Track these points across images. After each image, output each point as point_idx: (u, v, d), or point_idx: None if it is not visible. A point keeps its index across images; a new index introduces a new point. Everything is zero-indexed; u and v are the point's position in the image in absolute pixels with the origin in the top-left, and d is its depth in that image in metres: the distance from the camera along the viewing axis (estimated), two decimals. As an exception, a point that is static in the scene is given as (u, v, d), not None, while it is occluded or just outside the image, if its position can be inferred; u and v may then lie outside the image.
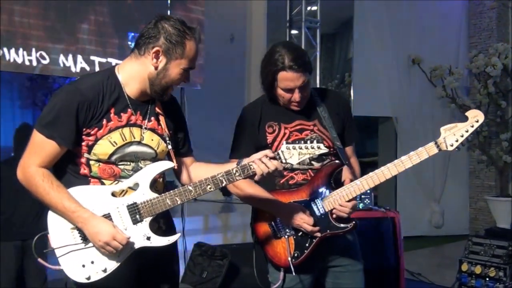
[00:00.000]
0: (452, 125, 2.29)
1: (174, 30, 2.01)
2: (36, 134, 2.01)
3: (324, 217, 2.36)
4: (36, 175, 1.98)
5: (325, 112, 2.49)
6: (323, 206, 2.37)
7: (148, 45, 2.03)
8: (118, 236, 1.94)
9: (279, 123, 2.45)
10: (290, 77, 2.33)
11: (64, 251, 1.99)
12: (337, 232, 2.37)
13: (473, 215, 8.67)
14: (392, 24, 8.10)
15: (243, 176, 2.03)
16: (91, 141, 2.02)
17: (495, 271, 4.80)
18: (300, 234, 2.37)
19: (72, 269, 1.99)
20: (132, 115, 2.08)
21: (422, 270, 5.72)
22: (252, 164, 2.03)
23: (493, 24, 8.44)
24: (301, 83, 2.34)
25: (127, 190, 2.06)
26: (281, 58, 2.32)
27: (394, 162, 2.31)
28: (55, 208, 1.98)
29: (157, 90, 2.07)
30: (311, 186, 2.41)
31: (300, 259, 2.36)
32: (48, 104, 2.05)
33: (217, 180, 2.04)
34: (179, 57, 2.02)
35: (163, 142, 2.15)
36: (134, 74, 2.08)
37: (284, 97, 2.39)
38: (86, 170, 2.05)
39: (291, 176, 2.45)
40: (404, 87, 8.20)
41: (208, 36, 6.67)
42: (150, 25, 2.05)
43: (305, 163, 2.42)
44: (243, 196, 2.47)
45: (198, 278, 4.51)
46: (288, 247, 2.35)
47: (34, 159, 1.99)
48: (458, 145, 2.28)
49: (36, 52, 4.41)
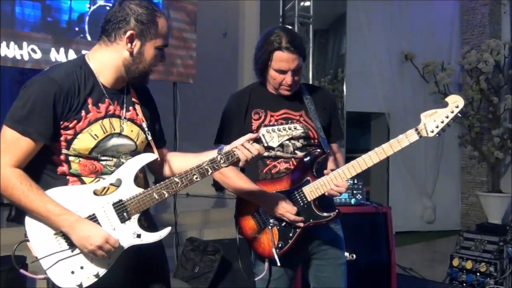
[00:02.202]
0: (432, 111, 2.28)
1: (142, 10, 1.89)
2: (7, 130, 1.81)
3: (307, 207, 2.36)
4: (12, 176, 1.79)
5: (311, 105, 2.50)
6: (305, 195, 2.36)
7: (118, 30, 1.90)
8: (111, 239, 1.82)
9: (265, 110, 2.45)
10: (285, 58, 2.34)
11: (50, 259, 1.82)
12: (321, 221, 2.36)
13: (465, 210, 8.72)
14: (385, 20, 8.12)
15: (227, 163, 1.97)
16: (70, 135, 1.86)
17: (486, 266, 4.84)
18: (284, 224, 2.36)
19: (61, 278, 1.83)
20: (110, 105, 1.95)
21: (414, 265, 5.75)
22: (236, 150, 1.98)
23: (486, 21, 8.47)
24: (295, 66, 2.36)
25: (109, 187, 1.91)
26: (278, 38, 2.34)
27: (375, 149, 2.31)
28: (36, 212, 1.80)
29: (135, 76, 1.96)
30: (293, 176, 2.40)
31: (284, 249, 2.35)
32: (19, 97, 1.84)
33: (202, 170, 1.95)
34: (153, 37, 1.91)
35: (142, 133, 2.04)
36: (107, 63, 1.94)
37: (276, 79, 2.39)
38: (65, 167, 1.89)
39: (274, 165, 2.45)
40: (396, 83, 8.23)
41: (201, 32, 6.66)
42: (116, 8, 1.91)
43: (288, 151, 2.43)
44: (230, 187, 2.46)
45: (190, 273, 4.51)
46: (272, 237, 2.35)
47: (7, 159, 1.80)
48: (439, 131, 2.27)
49: (28, 46, 4.38)
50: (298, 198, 2.36)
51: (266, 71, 2.42)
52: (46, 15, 4.59)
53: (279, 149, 2.43)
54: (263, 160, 2.45)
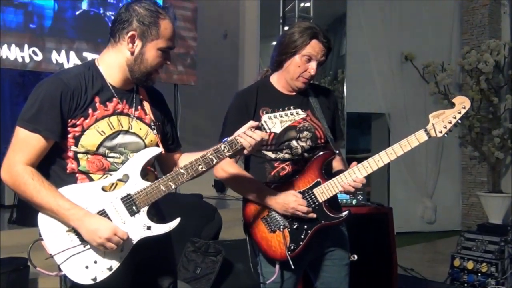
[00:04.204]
0: (440, 112, 2.32)
1: (146, 12, 1.96)
2: (19, 130, 1.91)
3: (318, 208, 2.37)
4: (24, 173, 1.87)
5: (317, 104, 2.51)
6: (316, 197, 2.37)
7: (122, 30, 1.97)
8: (119, 231, 1.87)
9: (273, 109, 2.42)
10: (318, 48, 2.41)
11: (64, 255, 1.88)
12: (332, 222, 2.38)
13: (465, 210, 8.71)
14: (385, 21, 8.12)
15: (231, 151, 1.98)
16: (77, 132, 1.93)
17: (487, 266, 4.84)
18: (295, 226, 2.36)
19: (75, 273, 1.89)
20: (119, 103, 2.02)
21: (415, 265, 5.74)
22: (238, 138, 1.99)
23: (485, 21, 8.46)
24: (321, 59, 2.43)
25: (117, 183, 1.97)
26: (316, 29, 2.43)
27: (386, 150, 2.33)
28: (47, 207, 1.87)
29: (138, 76, 2.01)
30: (303, 177, 2.40)
31: (296, 251, 2.35)
32: (30, 98, 1.95)
33: (207, 159, 1.97)
34: (154, 38, 1.97)
35: (151, 131, 2.08)
36: (113, 63, 2.02)
37: (300, 66, 2.41)
38: (74, 164, 1.96)
39: (282, 167, 2.45)
40: (396, 83, 8.23)
41: (201, 33, 6.67)
42: (122, 10, 2.00)
43: (297, 153, 2.44)
44: (239, 188, 2.47)
45: (192, 274, 4.51)
46: (284, 240, 2.35)
47: (19, 157, 1.88)
48: (447, 132, 2.32)
49: (29, 48, 4.39)
50: (309, 199, 2.37)
51: (290, 58, 2.42)
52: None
53: (287, 151, 2.44)
54: (270, 163, 2.46)
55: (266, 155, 2.46)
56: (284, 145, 2.43)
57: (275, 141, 2.42)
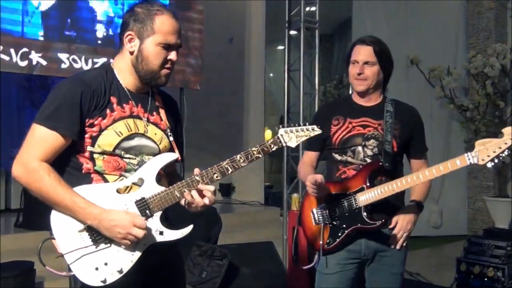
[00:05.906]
0: (487, 140, 2.33)
1: (141, 10, 1.99)
2: (36, 127, 1.89)
3: (357, 211, 2.51)
4: (40, 169, 1.85)
5: (390, 118, 2.63)
6: (357, 201, 2.51)
7: (122, 34, 2.02)
8: (137, 221, 1.87)
9: (345, 118, 2.65)
10: (357, 50, 2.68)
11: (74, 255, 1.88)
12: (367, 227, 2.51)
13: (472, 215, 8.67)
14: (390, 25, 8.11)
15: (247, 162, 1.99)
16: (95, 132, 1.94)
17: (494, 271, 4.81)
18: (336, 224, 2.55)
19: (85, 274, 1.88)
20: (134, 107, 2.03)
21: (421, 270, 5.73)
22: (254, 148, 2.01)
23: (491, 25, 8.44)
24: (364, 58, 2.64)
25: (132, 186, 1.97)
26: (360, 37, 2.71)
27: (430, 167, 2.47)
28: (63, 204, 1.85)
29: (143, 76, 2.02)
30: (352, 181, 2.56)
31: (332, 246, 2.56)
32: (48, 97, 1.94)
33: (223, 168, 1.98)
34: (150, 33, 1.97)
35: (166, 137, 2.09)
36: (123, 67, 2.04)
37: (351, 71, 2.66)
38: (90, 164, 1.95)
39: (344, 170, 2.63)
40: (402, 87, 8.19)
41: (207, 37, 6.69)
42: (125, 14, 2.04)
43: (359, 158, 2.60)
44: None
45: (198, 278, 4.51)
46: (323, 233, 2.56)
47: (35, 153, 1.86)
48: (489, 161, 2.30)
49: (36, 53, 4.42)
50: (351, 202, 2.53)
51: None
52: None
53: (351, 155, 2.61)
54: (336, 165, 2.65)
55: (334, 156, 2.67)
56: (349, 149, 2.61)
57: (340, 146, 2.62)
